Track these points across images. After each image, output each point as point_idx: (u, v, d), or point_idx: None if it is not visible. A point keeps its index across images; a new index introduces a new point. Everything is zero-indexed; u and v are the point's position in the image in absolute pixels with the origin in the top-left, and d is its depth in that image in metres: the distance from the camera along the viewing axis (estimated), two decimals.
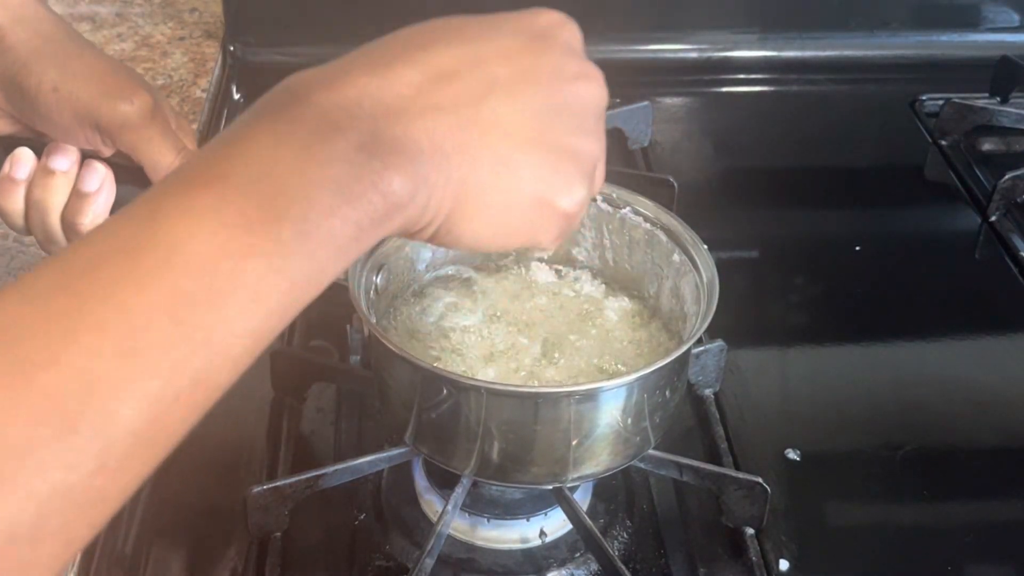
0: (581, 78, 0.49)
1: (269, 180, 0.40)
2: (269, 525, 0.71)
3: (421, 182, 0.43)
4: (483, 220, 0.46)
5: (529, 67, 0.47)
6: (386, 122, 0.43)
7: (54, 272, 0.38)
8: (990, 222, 1.03)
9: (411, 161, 0.43)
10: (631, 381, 0.64)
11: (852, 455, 0.80)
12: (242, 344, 0.40)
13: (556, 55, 0.48)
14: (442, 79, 0.44)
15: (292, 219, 0.40)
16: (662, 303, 0.75)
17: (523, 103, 0.46)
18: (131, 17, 1.26)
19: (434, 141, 0.43)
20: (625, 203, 0.75)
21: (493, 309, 0.75)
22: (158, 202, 0.40)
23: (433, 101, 0.44)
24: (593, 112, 0.50)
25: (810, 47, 1.24)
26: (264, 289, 0.39)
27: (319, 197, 0.40)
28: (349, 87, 0.43)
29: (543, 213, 0.48)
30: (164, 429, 0.39)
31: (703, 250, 0.71)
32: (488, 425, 0.64)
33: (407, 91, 0.44)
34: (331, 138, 0.41)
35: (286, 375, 0.80)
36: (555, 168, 0.47)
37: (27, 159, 0.68)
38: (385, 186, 0.42)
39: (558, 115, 0.47)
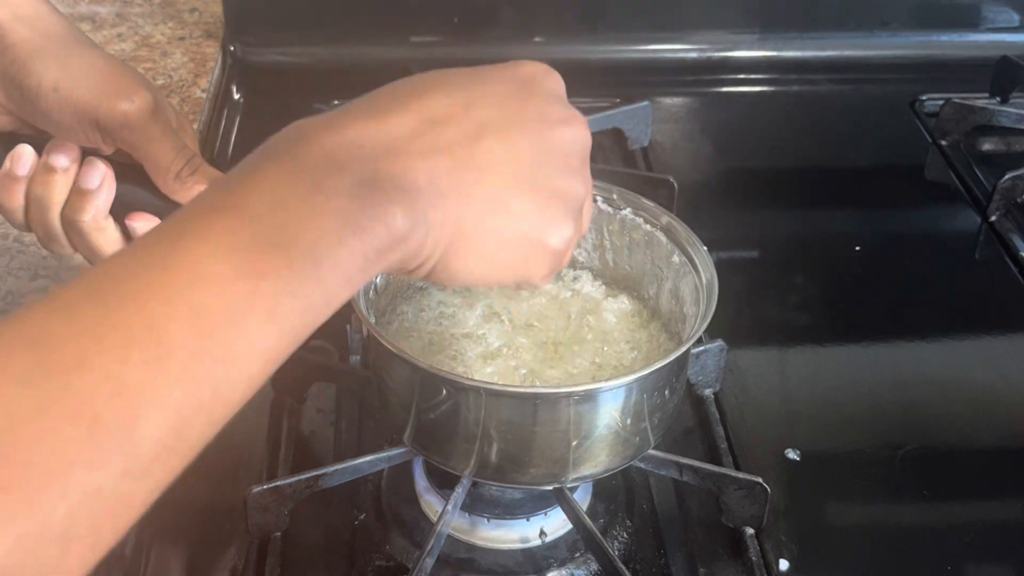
0: (565, 122, 0.51)
1: (281, 210, 0.43)
2: (269, 525, 0.71)
3: (420, 218, 0.45)
4: (476, 257, 0.49)
5: (516, 111, 0.49)
6: (386, 161, 0.45)
7: (84, 285, 0.40)
8: (990, 222, 1.03)
9: (411, 197, 0.45)
10: (630, 382, 0.64)
11: (852, 455, 0.80)
12: (258, 360, 0.42)
13: (540, 101, 0.51)
14: (436, 123, 0.47)
15: (302, 245, 0.42)
16: (662, 304, 0.75)
17: (513, 145, 0.49)
18: (131, 17, 1.26)
19: (431, 180, 0.46)
20: (625, 204, 0.75)
21: (492, 309, 0.75)
22: (181, 226, 0.43)
23: (429, 144, 0.47)
24: (578, 154, 0.52)
25: (810, 47, 1.24)
26: (279, 309, 0.42)
27: (328, 227, 0.43)
28: (350, 129, 0.46)
29: (534, 251, 0.50)
30: (186, 438, 0.40)
31: (703, 251, 0.71)
32: (487, 426, 0.64)
33: (404, 133, 0.46)
34: (336, 174, 0.44)
35: (286, 375, 0.80)
36: (544, 208, 0.50)
37: (28, 156, 0.68)
38: (389, 219, 0.44)
39: (546, 157, 0.50)
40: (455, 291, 0.77)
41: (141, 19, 1.25)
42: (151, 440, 0.39)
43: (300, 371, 0.80)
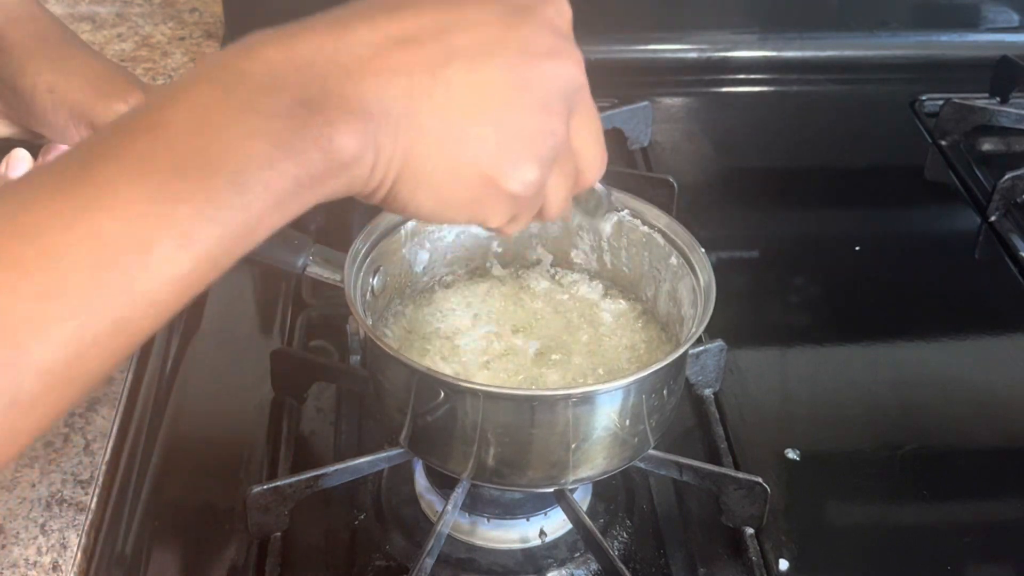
0: (553, 56, 0.46)
1: (207, 129, 0.40)
2: (269, 525, 0.71)
3: (368, 144, 0.42)
4: (426, 191, 0.45)
5: (496, 39, 0.45)
6: (336, 80, 0.42)
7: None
8: (990, 222, 1.03)
9: (357, 120, 0.42)
10: (628, 384, 0.64)
11: (852, 455, 0.80)
12: (168, 291, 0.40)
13: (530, 29, 0.46)
14: (401, 43, 0.43)
15: (227, 168, 0.40)
16: (659, 306, 0.75)
17: (481, 75, 0.44)
18: (131, 17, 1.26)
19: (384, 105, 0.43)
20: (623, 206, 0.75)
21: (490, 312, 0.75)
22: (95, 147, 0.40)
23: (388, 64, 0.43)
24: (559, 92, 0.47)
25: (810, 47, 1.24)
26: (194, 236, 0.39)
27: (256, 148, 0.40)
28: (304, 44, 0.43)
29: (488, 191, 0.46)
30: (80, 371, 0.39)
31: (700, 253, 0.71)
32: (484, 429, 0.64)
33: (362, 52, 0.43)
34: (275, 93, 0.41)
35: (286, 375, 0.80)
36: (506, 146, 0.45)
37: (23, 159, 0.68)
38: (326, 143, 0.41)
39: (518, 91, 0.45)
40: (452, 294, 0.77)
41: (141, 19, 1.25)
42: (39, 373, 0.37)
43: (300, 371, 0.80)
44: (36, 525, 0.70)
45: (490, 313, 0.75)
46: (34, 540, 0.69)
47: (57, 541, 0.69)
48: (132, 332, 0.39)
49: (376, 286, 0.72)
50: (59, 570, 0.67)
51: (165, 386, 0.83)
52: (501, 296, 0.76)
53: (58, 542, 0.69)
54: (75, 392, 0.39)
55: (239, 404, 0.81)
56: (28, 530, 0.69)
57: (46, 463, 0.73)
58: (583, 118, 0.49)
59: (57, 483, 0.72)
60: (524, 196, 0.47)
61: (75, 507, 0.71)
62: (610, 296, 0.77)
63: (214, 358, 0.86)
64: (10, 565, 0.67)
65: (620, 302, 0.77)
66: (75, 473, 0.73)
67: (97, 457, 0.74)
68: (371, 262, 0.71)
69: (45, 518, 0.70)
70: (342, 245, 0.70)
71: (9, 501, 0.71)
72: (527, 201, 0.47)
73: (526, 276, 0.78)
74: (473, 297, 0.77)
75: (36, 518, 0.70)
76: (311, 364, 0.81)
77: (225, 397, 0.83)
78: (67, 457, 0.74)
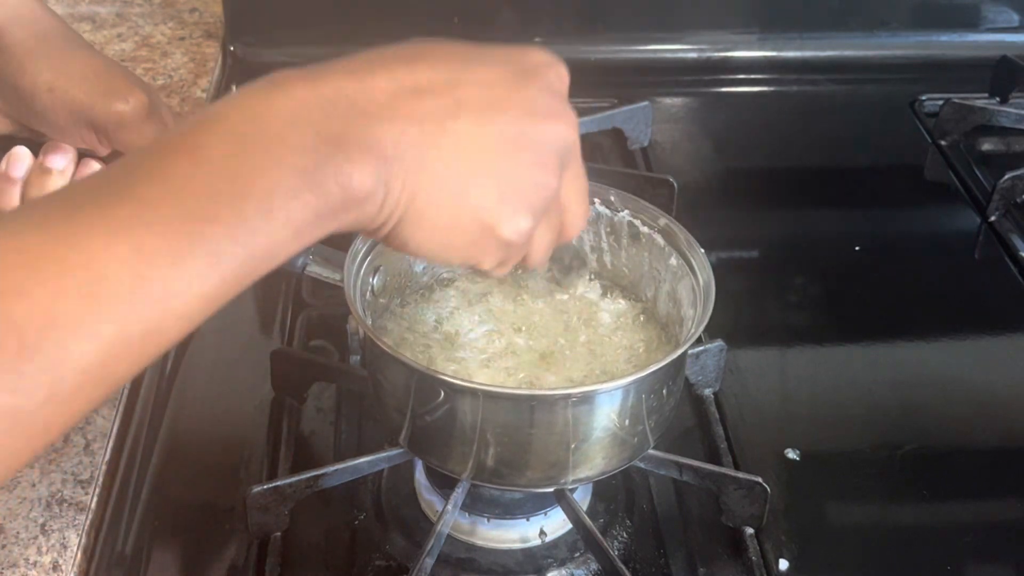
0: (551, 117, 0.50)
1: (241, 155, 0.43)
2: (269, 525, 0.71)
3: (380, 183, 0.45)
4: (427, 232, 0.49)
5: (502, 98, 0.49)
6: (356, 122, 0.45)
7: (35, 212, 0.42)
8: (990, 222, 1.03)
9: (374, 160, 0.45)
10: (627, 384, 0.64)
11: (852, 455, 0.80)
12: (195, 304, 0.42)
13: (532, 91, 0.50)
14: (415, 93, 0.47)
15: (256, 195, 0.42)
16: (659, 306, 0.75)
17: (486, 129, 0.48)
18: (131, 17, 1.26)
19: (397, 148, 0.46)
20: (623, 206, 0.75)
21: (490, 312, 0.75)
22: (137, 162, 0.43)
23: (403, 111, 0.46)
24: (555, 150, 0.50)
25: (810, 47, 1.24)
26: (222, 256, 0.42)
27: (285, 179, 0.43)
28: (326, 86, 0.46)
29: (484, 237, 0.50)
30: (112, 372, 0.41)
31: (700, 254, 0.71)
32: (484, 428, 0.64)
33: (380, 98, 0.46)
34: (302, 127, 0.44)
35: (286, 375, 0.80)
36: (503, 196, 0.49)
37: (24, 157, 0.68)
38: (345, 179, 0.44)
39: (517, 146, 0.49)
40: (452, 294, 0.77)
41: (141, 19, 1.25)
42: (76, 372, 0.39)
43: (300, 371, 0.80)
44: (36, 525, 0.70)
45: (490, 313, 0.75)
46: (34, 540, 0.69)
47: (57, 541, 0.69)
48: (159, 340, 0.42)
49: (376, 286, 0.72)
50: (59, 570, 0.67)
51: (165, 386, 0.83)
52: (501, 296, 0.76)
53: (58, 542, 0.69)
54: (104, 392, 0.41)
55: (239, 404, 0.81)
56: (28, 530, 0.69)
57: (46, 463, 0.73)
58: (573, 176, 0.53)
59: (57, 483, 0.72)
60: (516, 243, 0.51)
61: (75, 507, 0.71)
62: (610, 296, 0.77)
63: (214, 358, 0.86)
64: (10, 565, 0.67)
65: (620, 302, 0.77)
66: (75, 473, 0.73)
67: (97, 457, 0.74)
68: (371, 262, 0.71)
69: (45, 518, 0.70)
70: (342, 245, 0.70)
71: (9, 501, 0.71)
72: (517, 248, 0.51)
73: (525, 276, 0.78)
74: (473, 297, 0.76)
75: (36, 518, 0.70)
76: (311, 364, 0.81)
77: (225, 397, 0.83)
78: (67, 457, 0.74)
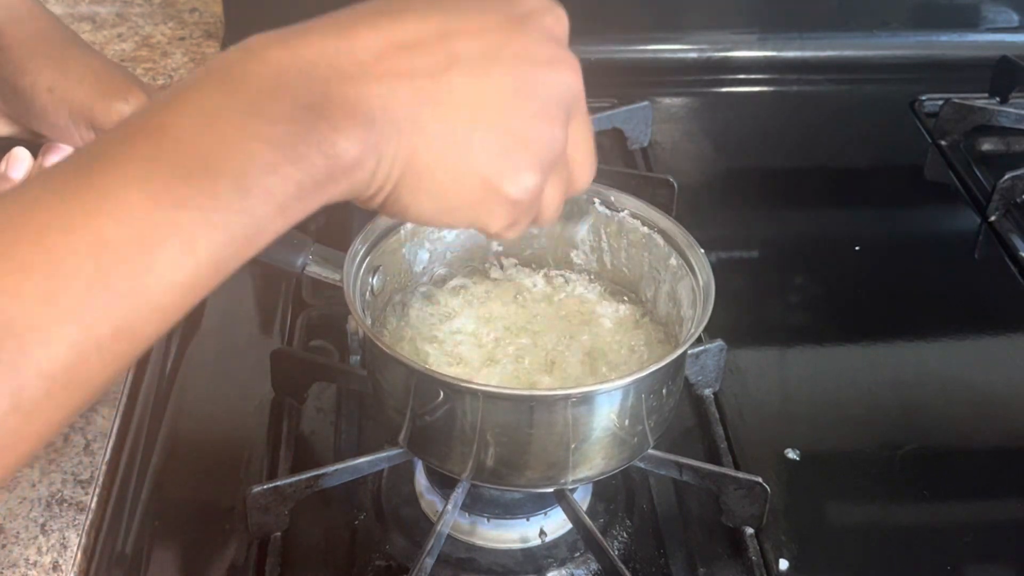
0: (552, 64, 0.47)
1: (210, 133, 0.40)
2: (269, 525, 0.71)
3: (370, 149, 0.43)
4: (428, 195, 0.46)
5: (497, 46, 0.46)
6: (339, 85, 0.42)
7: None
8: (990, 222, 1.03)
9: (360, 126, 0.42)
10: (626, 384, 0.64)
11: (852, 455, 0.80)
12: (171, 296, 0.40)
13: (530, 38, 0.47)
14: (404, 48, 0.44)
15: (230, 173, 0.40)
16: (659, 306, 0.75)
17: (484, 82, 0.45)
18: (131, 17, 1.26)
19: (387, 109, 0.43)
20: (623, 206, 0.75)
21: (490, 312, 0.75)
22: (98, 150, 0.40)
23: (391, 69, 0.43)
24: (559, 100, 0.47)
25: (810, 47, 1.24)
26: (197, 241, 0.39)
27: (260, 153, 0.40)
28: (306, 47, 0.43)
29: (489, 196, 0.46)
30: (84, 375, 0.39)
31: (700, 254, 0.71)
32: (484, 429, 0.64)
33: (365, 56, 0.43)
34: (279, 95, 0.41)
35: (286, 375, 0.80)
36: (507, 152, 0.46)
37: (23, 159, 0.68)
38: (329, 147, 0.41)
39: (519, 98, 0.46)
40: (451, 295, 0.77)
41: (141, 19, 1.25)
42: (41, 377, 0.37)
43: (300, 371, 0.80)
44: (36, 525, 0.70)
45: (490, 313, 0.75)
46: (34, 540, 0.69)
47: (57, 541, 0.69)
48: (134, 337, 0.39)
49: (376, 286, 0.72)
50: (59, 570, 0.67)
51: (165, 386, 0.83)
52: (500, 296, 0.76)
53: (58, 542, 0.69)
54: (77, 399, 0.39)
55: (239, 404, 0.81)
56: (28, 530, 0.69)
57: (46, 463, 0.73)
58: (579, 125, 0.49)
59: (57, 483, 0.72)
60: (524, 201, 0.47)
61: (75, 507, 0.71)
62: (609, 297, 0.77)
63: (214, 358, 0.86)
64: (10, 565, 0.67)
65: (620, 303, 0.77)
66: (75, 473, 0.73)
67: (97, 457, 0.74)
68: (371, 262, 0.71)
69: (45, 518, 0.70)
70: (342, 245, 0.70)
71: (9, 501, 0.71)
72: (526, 206, 0.48)
73: (525, 277, 0.78)
74: (473, 297, 0.77)
75: (36, 518, 0.70)
76: (311, 364, 0.81)
77: (225, 397, 0.83)
78: (67, 457, 0.74)
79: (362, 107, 0.42)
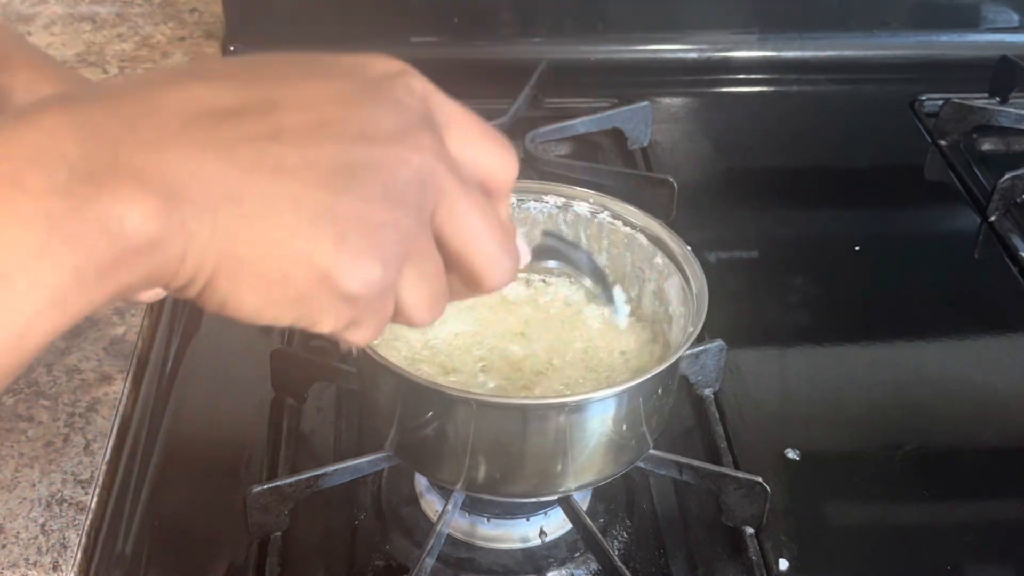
0: (396, 141, 0.40)
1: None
2: (269, 525, 0.71)
3: (175, 228, 0.36)
4: (250, 287, 0.39)
5: (331, 120, 0.39)
6: (131, 151, 0.36)
7: None
8: (990, 222, 1.03)
9: (155, 197, 0.35)
10: (620, 392, 0.64)
11: (852, 455, 0.80)
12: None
13: (373, 109, 0.40)
14: (219, 117, 0.38)
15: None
16: (644, 305, 0.75)
17: (313, 158, 0.38)
18: (131, 17, 1.26)
19: (195, 182, 0.36)
20: (602, 207, 0.75)
21: (475, 322, 0.74)
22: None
23: (201, 138, 0.37)
24: (404, 181, 0.40)
25: (810, 47, 1.24)
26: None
27: (22, 235, 0.33)
28: (94, 110, 0.36)
29: (321, 289, 0.39)
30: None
31: (688, 251, 0.71)
32: (478, 439, 0.63)
33: (168, 123, 0.37)
34: (50, 165, 0.34)
35: (286, 375, 0.80)
36: (340, 238, 0.39)
37: None
38: (115, 225, 0.35)
39: (356, 178, 0.39)
40: None
41: (141, 19, 1.25)
42: None
43: (300, 371, 0.80)
44: (36, 525, 0.70)
45: (478, 321, 0.75)
46: (34, 540, 0.69)
47: (57, 541, 0.69)
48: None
49: None
50: (59, 570, 0.67)
51: (165, 386, 0.83)
52: (486, 303, 0.76)
53: (58, 542, 0.69)
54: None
55: (239, 404, 0.81)
56: (28, 530, 0.69)
57: (46, 463, 0.73)
58: (452, 214, 0.42)
59: (57, 483, 0.72)
60: (365, 297, 0.40)
61: (75, 507, 0.71)
62: (593, 299, 0.77)
63: (214, 358, 0.86)
64: (10, 565, 0.67)
65: (603, 304, 0.76)
66: (75, 473, 0.73)
67: (97, 457, 0.74)
68: None
69: (45, 518, 0.70)
70: None
71: (9, 501, 0.71)
72: (369, 304, 0.41)
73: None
74: (459, 307, 0.76)
75: (36, 518, 0.70)
76: (311, 364, 0.81)
77: (225, 397, 0.83)
78: (67, 457, 0.74)
79: (158, 176, 0.36)
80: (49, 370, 0.80)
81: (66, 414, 0.77)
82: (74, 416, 0.77)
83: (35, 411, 0.77)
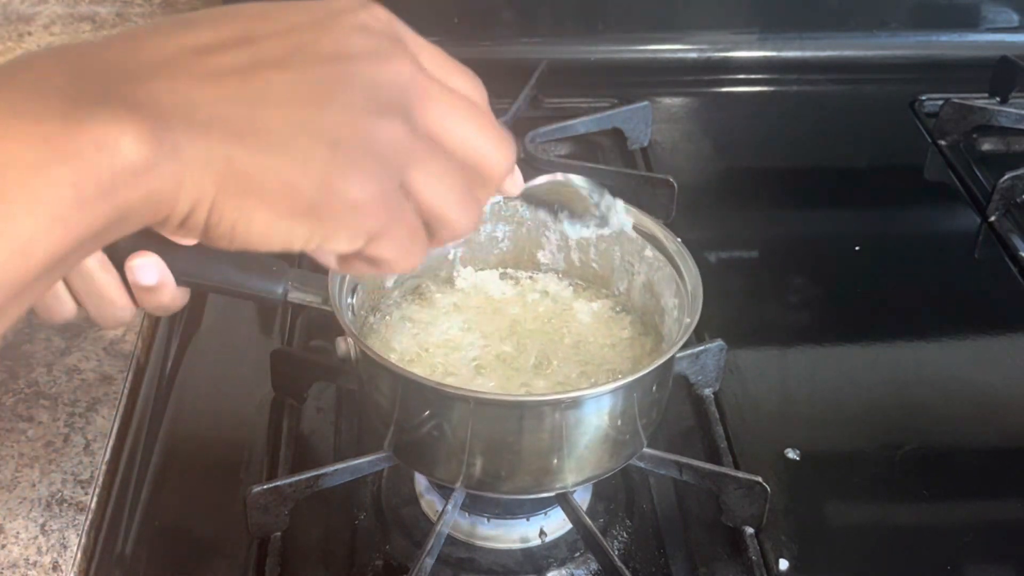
0: (372, 56, 0.43)
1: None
2: (269, 525, 0.71)
3: (167, 151, 0.37)
4: (256, 206, 0.40)
5: (307, 43, 0.42)
6: (120, 83, 0.38)
7: None
8: (990, 222, 1.03)
9: (146, 119, 0.37)
10: (615, 388, 0.64)
11: (852, 455, 0.80)
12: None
13: (341, 33, 0.43)
14: (200, 52, 0.40)
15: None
16: (634, 298, 0.75)
17: (297, 80, 0.41)
18: (131, 17, 1.26)
19: (184, 107, 0.38)
20: None
21: (467, 321, 0.74)
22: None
23: (186, 68, 0.39)
24: (389, 89, 0.43)
25: (810, 47, 1.24)
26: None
27: (18, 152, 0.35)
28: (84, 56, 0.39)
29: (327, 200, 0.41)
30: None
31: (679, 244, 0.71)
32: (474, 436, 0.63)
33: (154, 58, 0.39)
34: (48, 95, 0.37)
35: (286, 375, 0.80)
36: (336, 147, 0.41)
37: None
38: (110, 142, 0.36)
39: (337, 92, 0.41)
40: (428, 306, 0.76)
41: (141, 19, 1.25)
42: None
43: (300, 371, 0.80)
44: (36, 525, 0.70)
45: (467, 322, 0.74)
46: (34, 540, 0.69)
47: (57, 541, 0.69)
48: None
49: (355, 305, 0.71)
50: (59, 570, 0.67)
51: (165, 386, 0.83)
52: (475, 304, 0.76)
53: (58, 542, 0.69)
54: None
55: (239, 404, 0.81)
56: (28, 530, 0.69)
57: (46, 463, 0.73)
58: (439, 114, 0.44)
59: (57, 483, 0.72)
60: (369, 201, 0.42)
61: (75, 507, 0.71)
62: (582, 294, 0.77)
63: (214, 358, 0.86)
64: (10, 565, 0.67)
65: (593, 299, 0.76)
66: (75, 473, 0.73)
67: (97, 457, 0.74)
68: (350, 281, 0.70)
69: (45, 518, 0.70)
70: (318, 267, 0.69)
71: (9, 501, 0.71)
72: (378, 211, 0.42)
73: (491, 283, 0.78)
74: (449, 307, 0.76)
75: (36, 518, 0.70)
76: (311, 364, 0.81)
77: (225, 397, 0.83)
78: (67, 457, 0.74)
79: (149, 101, 0.38)
80: (49, 370, 0.81)
81: (66, 414, 0.77)
82: (74, 416, 0.77)
83: (35, 411, 0.77)
